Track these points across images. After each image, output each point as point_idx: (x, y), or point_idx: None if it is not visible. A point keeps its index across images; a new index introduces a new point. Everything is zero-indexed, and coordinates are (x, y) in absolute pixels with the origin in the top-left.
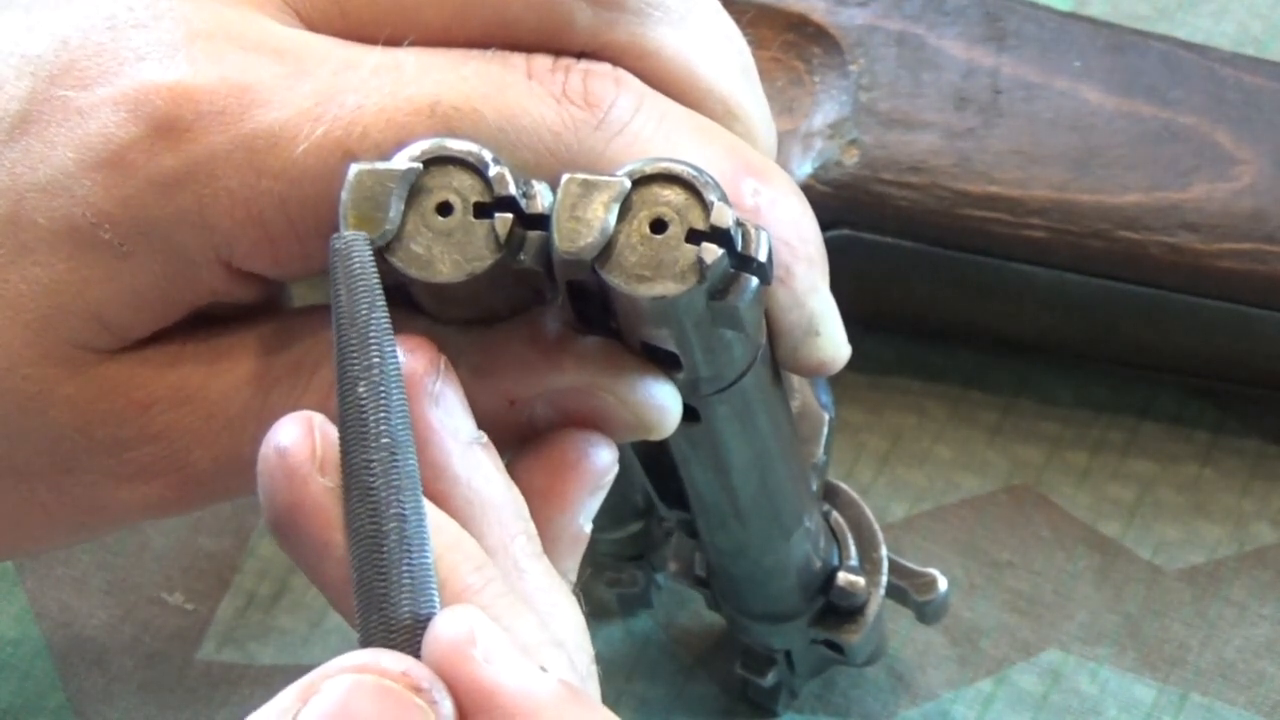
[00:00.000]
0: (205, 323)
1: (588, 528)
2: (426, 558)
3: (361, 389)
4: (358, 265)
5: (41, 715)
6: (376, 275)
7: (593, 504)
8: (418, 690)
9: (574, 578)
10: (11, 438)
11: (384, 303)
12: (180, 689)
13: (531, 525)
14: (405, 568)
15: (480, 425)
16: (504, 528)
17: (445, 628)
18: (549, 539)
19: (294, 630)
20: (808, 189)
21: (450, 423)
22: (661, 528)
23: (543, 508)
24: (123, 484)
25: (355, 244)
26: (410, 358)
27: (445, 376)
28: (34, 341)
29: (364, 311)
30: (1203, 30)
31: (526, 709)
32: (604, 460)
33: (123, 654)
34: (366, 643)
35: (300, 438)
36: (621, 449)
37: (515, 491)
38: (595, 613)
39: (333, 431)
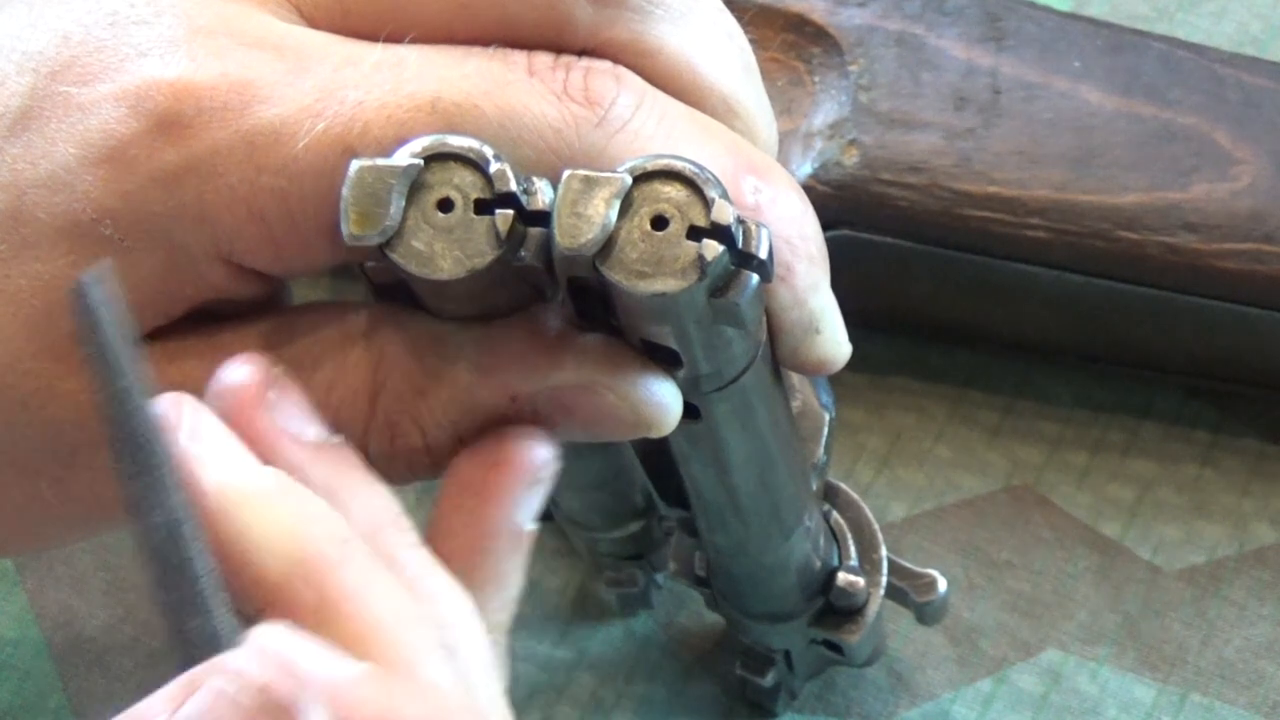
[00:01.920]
0: (206, 319)
1: (528, 526)
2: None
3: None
4: (97, 305)
5: (41, 715)
6: (117, 313)
7: (530, 500)
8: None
9: (520, 578)
10: (12, 433)
11: (130, 334)
12: None
13: (404, 518)
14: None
15: (481, 421)
16: (368, 519)
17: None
18: (485, 536)
19: None
20: (808, 189)
21: (293, 426)
22: (661, 527)
23: (475, 502)
24: None
25: (90, 288)
26: (246, 371)
27: (280, 385)
28: (35, 337)
29: (114, 346)
30: (1202, 30)
31: (326, 691)
32: (538, 455)
33: (123, 654)
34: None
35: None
36: (621, 447)
37: (380, 487)
38: (595, 613)
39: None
